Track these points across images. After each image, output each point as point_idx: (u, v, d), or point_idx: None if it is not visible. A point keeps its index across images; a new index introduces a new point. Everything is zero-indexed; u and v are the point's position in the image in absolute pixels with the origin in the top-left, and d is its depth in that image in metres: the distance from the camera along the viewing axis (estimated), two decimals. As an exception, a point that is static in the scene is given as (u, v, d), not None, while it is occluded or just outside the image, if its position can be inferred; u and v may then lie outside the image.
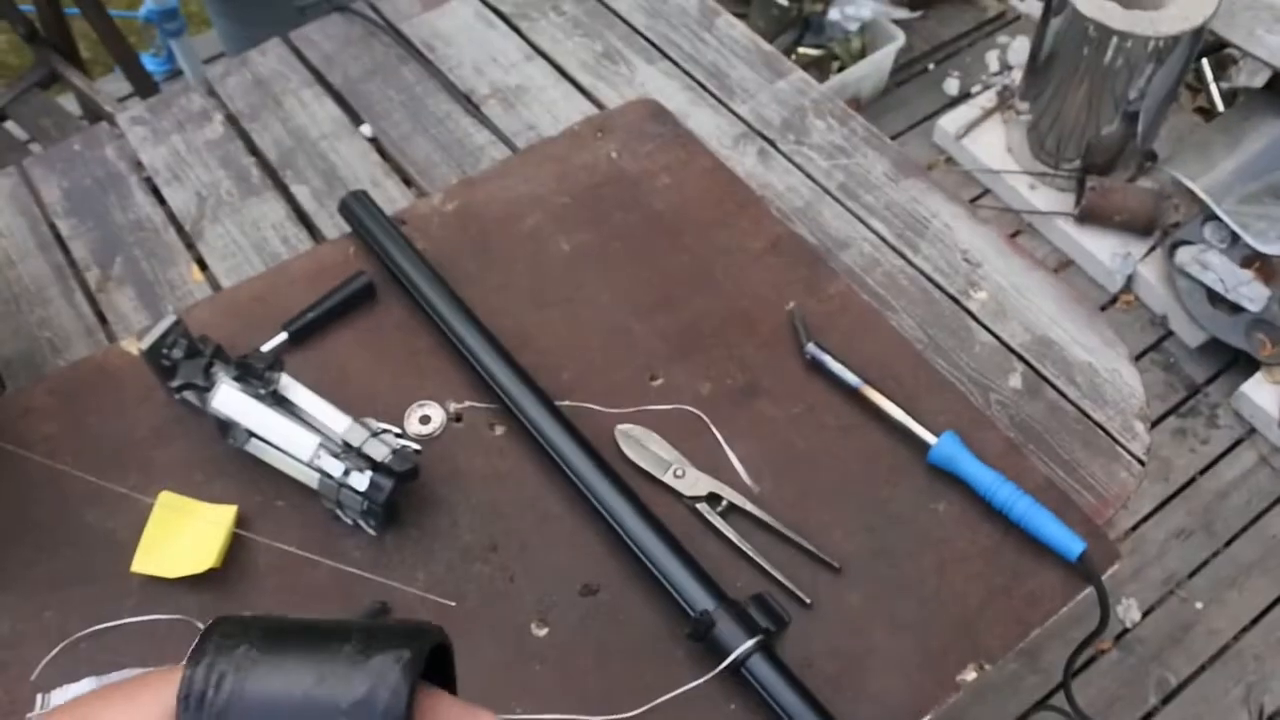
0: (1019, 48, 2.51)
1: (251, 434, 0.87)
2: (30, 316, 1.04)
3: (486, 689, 0.79)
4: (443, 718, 0.31)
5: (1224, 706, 1.76)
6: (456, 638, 0.81)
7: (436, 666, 0.34)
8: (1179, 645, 1.81)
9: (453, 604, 0.82)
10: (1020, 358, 0.99)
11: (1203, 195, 2.09)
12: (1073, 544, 0.84)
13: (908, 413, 0.90)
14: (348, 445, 0.84)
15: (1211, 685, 1.78)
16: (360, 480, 0.82)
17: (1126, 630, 1.82)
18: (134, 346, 0.97)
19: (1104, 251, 2.18)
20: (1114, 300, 2.20)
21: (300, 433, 0.84)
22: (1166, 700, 1.76)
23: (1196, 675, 1.79)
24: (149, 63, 2.54)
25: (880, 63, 2.41)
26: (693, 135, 1.13)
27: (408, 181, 1.13)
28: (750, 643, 0.77)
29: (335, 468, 0.82)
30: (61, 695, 0.80)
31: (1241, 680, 1.78)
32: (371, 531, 0.86)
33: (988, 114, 2.38)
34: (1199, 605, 1.85)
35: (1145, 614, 1.84)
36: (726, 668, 0.77)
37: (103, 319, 1.04)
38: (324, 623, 0.34)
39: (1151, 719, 1.75)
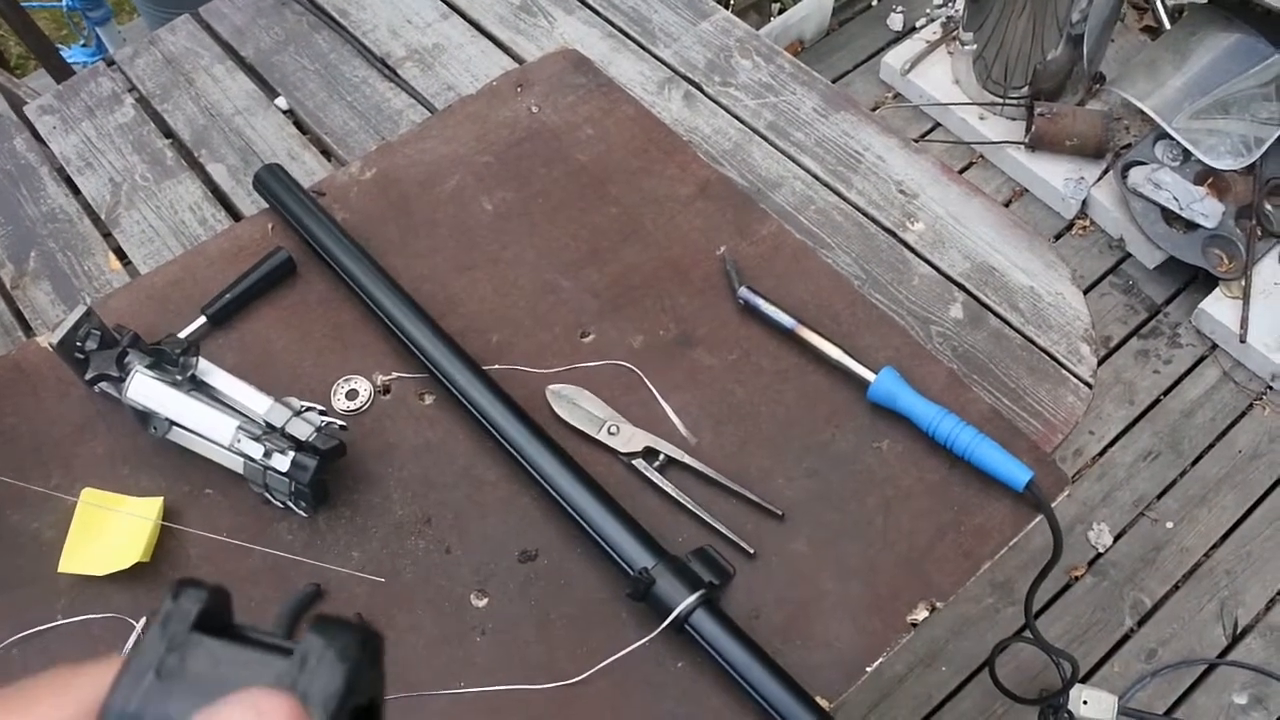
0: (962, -23, 2.48)
1: (173, 423, 0.84)
2: (-56, 318, 1.01)
3: (427, 664, 0.78)
4: None
5: (1199, 622, 1.76)
6: (393, 613, 0.80)
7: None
8: (1151, 566, 1.81)
9: (383, 580, 0.80)
10: (961, 287, 0.98)
11: (1152, 114, 2.07)
12: (1019, 473, 0.82)
13: (845, 351, 0.89)
14: (270, 426, 0.82)
15: (1185, 603, 1.78)
16: (282, 461, 0.79)
17: (1099, 555, 1.82)
18: (48, 342, 0.94)
19: (1057, 178, 2.16)
20: (1070, 226, 2.18)
21: (218, 417, 0.82)
22: (1142, 622, 1.76)
23: (1170, 595, 1.79)
24: (79, 54, 2.48)
25: (822, 2, 2.37)
26: (615, 84, 1.10)
27: (326, 153, 1.10)
28: (692, 598, 0.76)
29: (255, 450, 0.80)
30: (-9, 704, 0.77)
31: (1215, 596, 1.78)
32: (302, 513, 0.84)
33: (933, 47, 2.35)
34: (1170, 525, 1.85)
35: (1117, 538, 1.83)
36: (670, 625, 0.76)
37: (20, 317, 1.01)
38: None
39: (1128, 641, 1.75)
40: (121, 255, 1.04)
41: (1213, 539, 1.84)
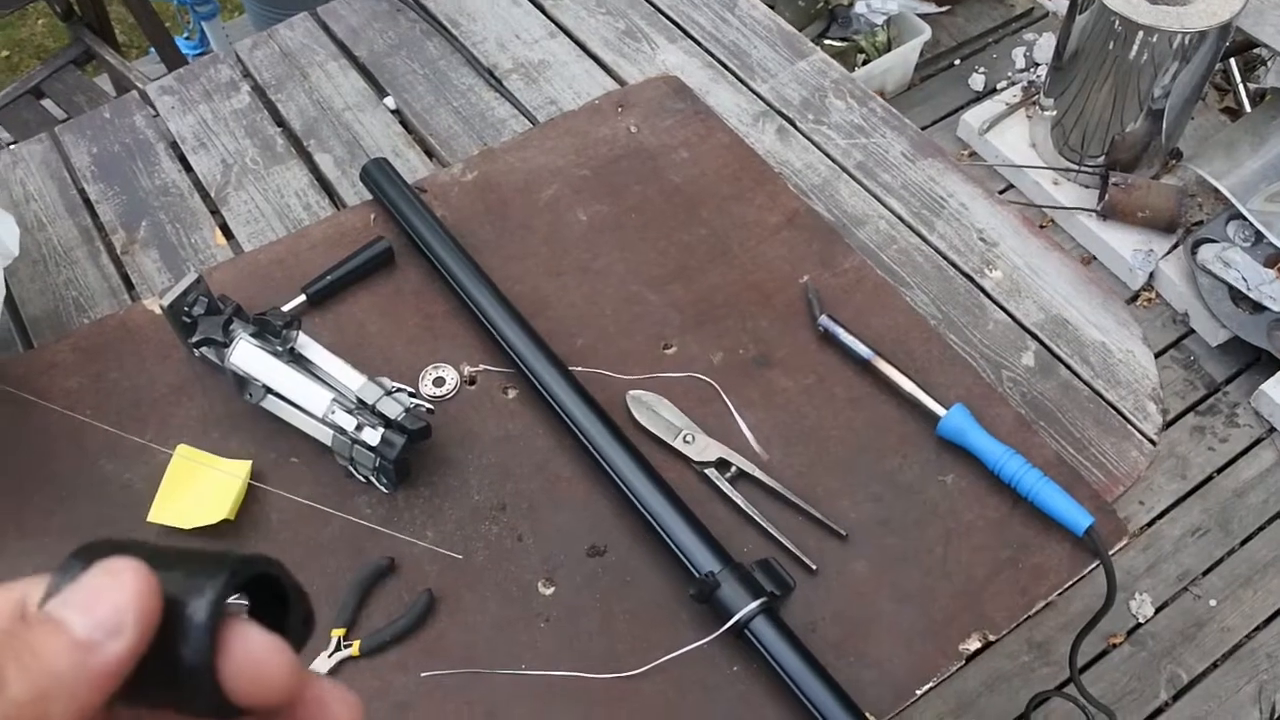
0: (1045, 45, 2.51)
1: (268, 390, 0.88)
2: (57, 277, 1.06)
3: (490, 644, 0.80)
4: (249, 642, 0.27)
5: (1235, 704, 1.75)
6: (462, 592, 0.83)
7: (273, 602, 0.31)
8: (1191, 642, 1.80)
9: (460, 557, 0.83)
10: (1034, 336, 1.00)
11: (1228, 193, 2.08)
12: (1080, 518, 0.84)
13: (918, 385, 0.91)
14: (362, 403, 0.86)
15: (1223, 682, 1.77)
16: (373, 435, 0.83)
17: (1139, 625, 1.81)
18: (156, 305, 0.99)
19: (1126, 248, 2.17)
20: (1135, 297, 2.19)
21: (314, 388, 0.85)
22: (1177, 696, 1.75)
23: (1208, 672, 1.78)
24: (182, 46, 2.57)
25: (906, 56, 2.41)
26: (712, 111, 1.13)
27: (429, 153, 1.14)
28: (754, 604, 0.78)
29: (348, 422, 0.83)
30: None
31: (1254, 678, 1.77)
32: (383, 489, 0.87)
33: (1012, 109, 2.38)
34: (1213, 603, 1.84)
35: (1158, 610, 1.83)
36: (730, 629, 0.78)
37: (127, 281, 1.05)
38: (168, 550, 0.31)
39: (1162, 714, 1.74)
40: (227, 232, 1.08)
41: (1256, 621, 1.83)
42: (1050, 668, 1.68)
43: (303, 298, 0.96)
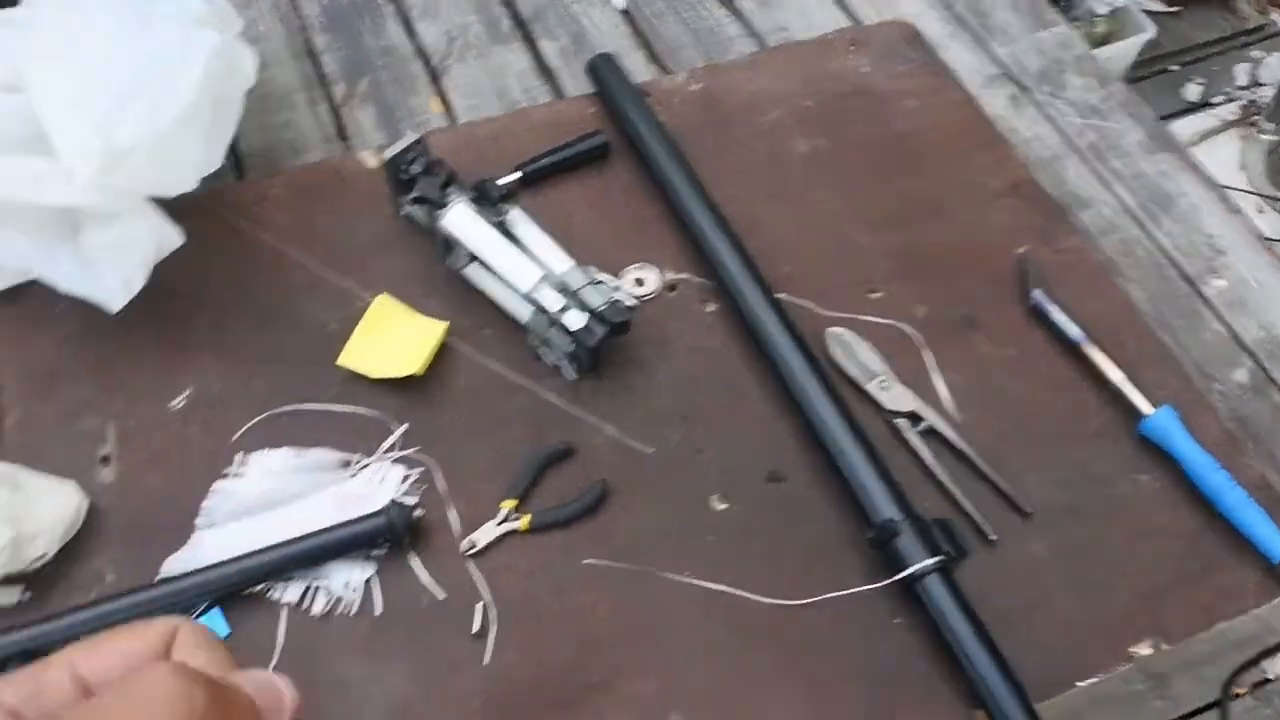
0: (1273, 64, 2.38)
1: (473, 258, 0.88)
2: (276, 117, 1.07)
3: (657, 546, 0.80)
4: None
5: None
6: (637, 488, 0.82)
7: None
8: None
9: (650, 450, 0.83)
10: (1251, 354, 0.95)
11: None
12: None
13: (1127, 377, 0.87)
14: (565, 287, 0.85)
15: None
16: (576, 319, 0.82)
17: (1267, 681, 1.74)
18: (371, 160, 0.99)
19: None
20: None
21: (524, 262, 0.85)
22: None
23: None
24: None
25: (1124, 52, 2.29)
26: (945, 66, 1.10)
27: (654, 60, 1.13)
28: (930, 561, 0.76)
29: (553, 302, 0.83)
30: (260, 459, 0.83)
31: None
32: (571, 375, 0.86)
33: (1226, 126, 2.27)
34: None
35: None
36: (901, 580, 0.76)
37: (342, 132, 1.06)
38: None
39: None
40: (443, 101, 1.08)
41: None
42: (1164, 702, 1.62)
43: (517, 175, 0.96)
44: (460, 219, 0.86)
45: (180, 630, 0.32)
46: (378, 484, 0.82)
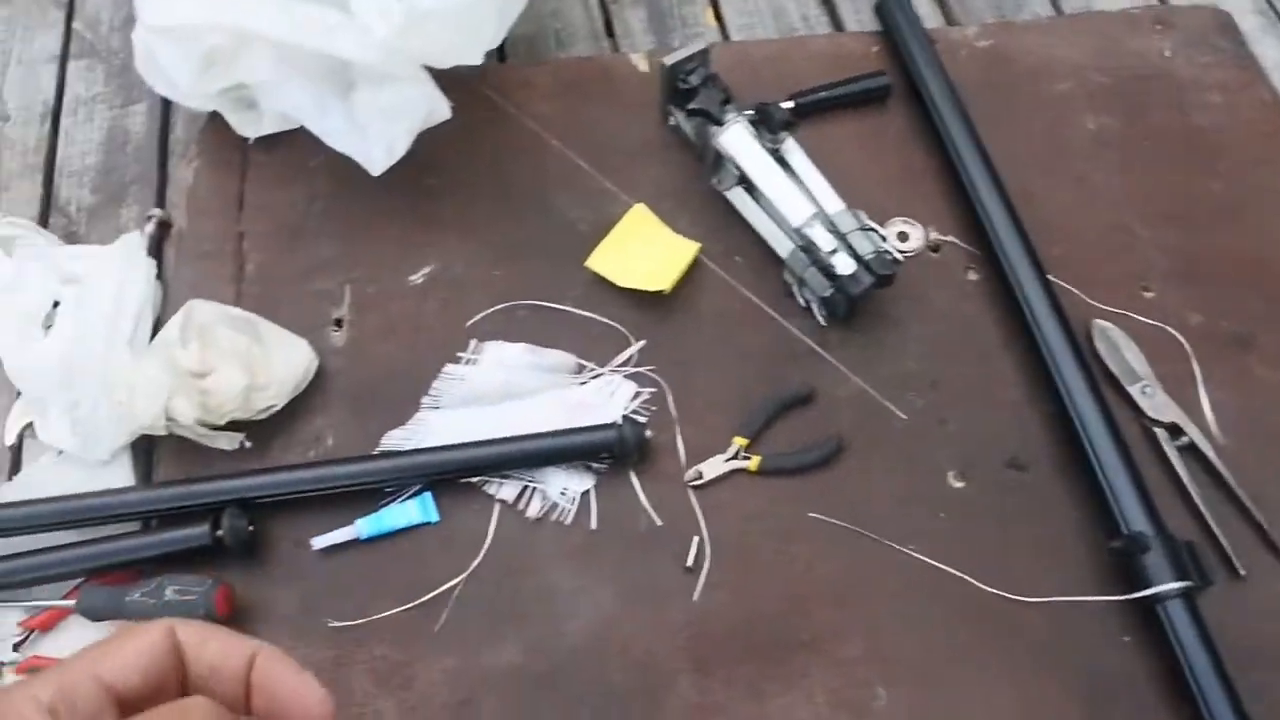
0: None
1: (740, 181, 0.85)
2: (544, 6, 1.05)
3: (886, 514, 0.77)
4: None
5: None
6: (875, 448, 0.78)
7: None
8: None
9: (895, 411, 0.79)
10: None
11: None
12: None
13: None
14: (835, 229, 0.81)
15: None
16: (845, 264, 0.79)
17: None
18: (642, 63, 0.97)
19: None
20: None
21: (798, 195, 0.82)
22: None
23: None
24: None
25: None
26: (1256, 61, 1.01)
27: (942, 7, 1.07)
28: (1178, 585, 0.71)
29: (825, 242, 0.79)
30: (494, 349, 0.82)
31: None
32: (821, 320, 0.83)
33: None
34: None
35: None
36: (1143, 599, 0.72)
37: (610, 29, 1.04)
38: None
39: None
40: (718, 15, 1.05)
41: None
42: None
43: (790, 104, 0.92)
44: (738, 139, 0.83)
45: (178, 629, 0.35)
46: (608, 396, 0.81)
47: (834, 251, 0.79)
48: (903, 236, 0.88)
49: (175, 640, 0.35)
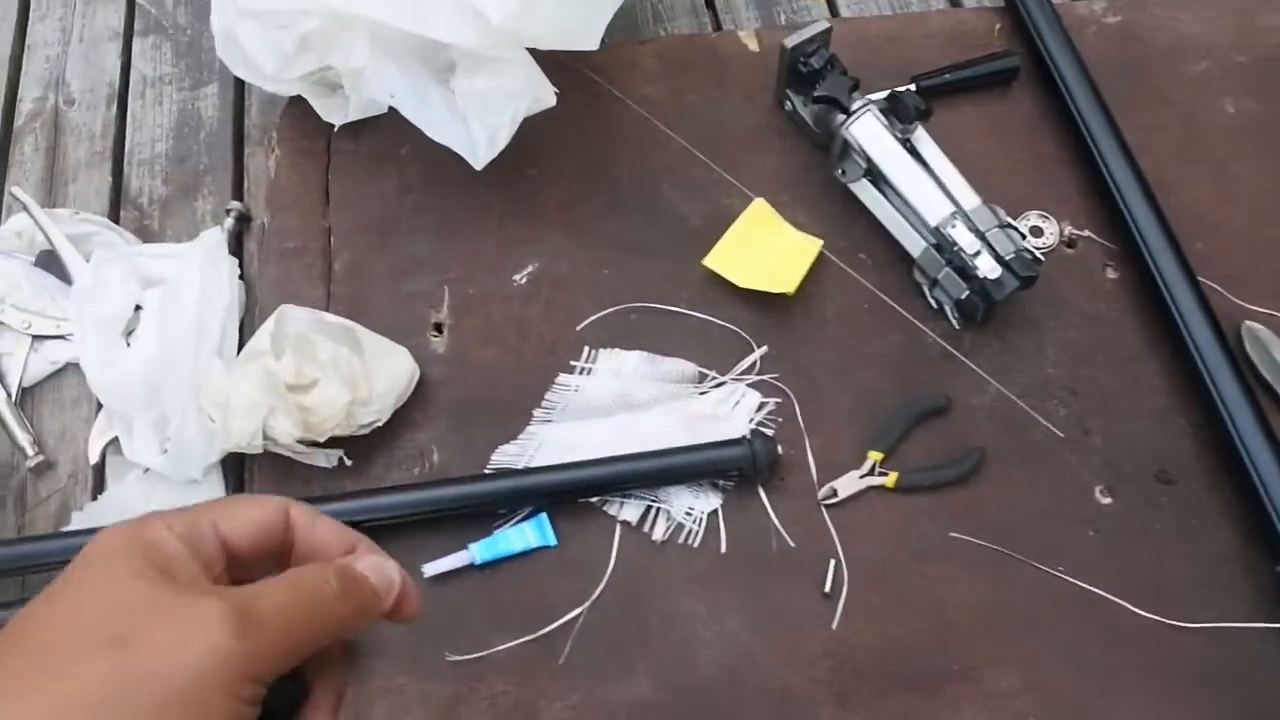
0: None
1: (867, 173, 0.79)
2: (644, -21, 0.99)
3: (1029, 531, 0.72)
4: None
5: None
6: (1016, 465, 0.74)
7: None
8: None
9: (1061, 435, 0.74)
10: None
11: None
12: None
13: None
14: (974, 227, 0.76)
15: None
16: (989, 267, 0.73)
17: None
18: (752, 42, 0.91)
19: None
20: None
21: (936, 191, 0.76)
22: None
23: None
24: None
25: None
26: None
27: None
28: (1354, 617, 0.67)
29: (969, 243, 0.74)
30: (610, 358, 0.77)
31: None
32: (955, 324, 0.78)
33: None
34: None
35: None
36: (1313, 628, 0.67)
37: (711, 4, 0.98)
38: None
39: None
40: (826, -7, 0.99)
41: None
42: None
43: (911, 87, 0.87)
44: (869, 130, 0.78)
45: (291, 507, 0.40)
46: (730, 407, 0.76)
47: (977, 254, 0.73)
48: (1036, 231, 0.82)
49: (288, 517, 0.39)
